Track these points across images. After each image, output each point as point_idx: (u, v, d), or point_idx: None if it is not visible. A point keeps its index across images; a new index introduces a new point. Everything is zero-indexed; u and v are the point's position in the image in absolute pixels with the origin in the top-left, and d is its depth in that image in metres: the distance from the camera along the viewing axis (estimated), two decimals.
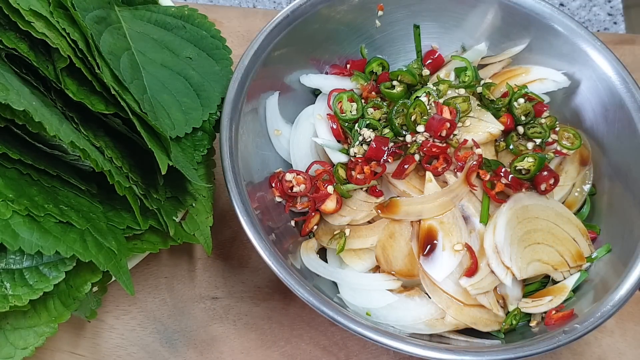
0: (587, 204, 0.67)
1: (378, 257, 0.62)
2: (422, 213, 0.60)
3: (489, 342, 0.59)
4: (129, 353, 0.65)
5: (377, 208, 0.61)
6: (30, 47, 0.52)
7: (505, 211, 0.60)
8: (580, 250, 0.62)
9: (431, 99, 0.65)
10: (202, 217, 0.62)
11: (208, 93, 0.62)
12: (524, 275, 0.60)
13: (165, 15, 0.65)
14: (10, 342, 0.53)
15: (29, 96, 0.49)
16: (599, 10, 0.94)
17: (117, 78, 0.53)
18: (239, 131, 0.61)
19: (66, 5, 0.52)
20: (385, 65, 0.72)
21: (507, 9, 0.69)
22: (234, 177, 0.58)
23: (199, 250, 0.70)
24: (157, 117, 0.57)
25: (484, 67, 0.73)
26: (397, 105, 0.64)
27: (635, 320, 0.69)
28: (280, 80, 0.68)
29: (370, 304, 0.60)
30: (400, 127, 0.64)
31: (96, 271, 0.53)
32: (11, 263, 0.51)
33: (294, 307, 0.67)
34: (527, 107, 0.66)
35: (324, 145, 0.66)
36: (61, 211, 0.50)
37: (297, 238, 0.65)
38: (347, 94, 0.67)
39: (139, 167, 0.56)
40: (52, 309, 0.53)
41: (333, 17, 0.68)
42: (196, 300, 0.68)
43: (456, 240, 0.59)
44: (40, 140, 0.52)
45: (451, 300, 0.59)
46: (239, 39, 0.82)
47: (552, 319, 0.59)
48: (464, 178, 0.61)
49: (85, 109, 0.52)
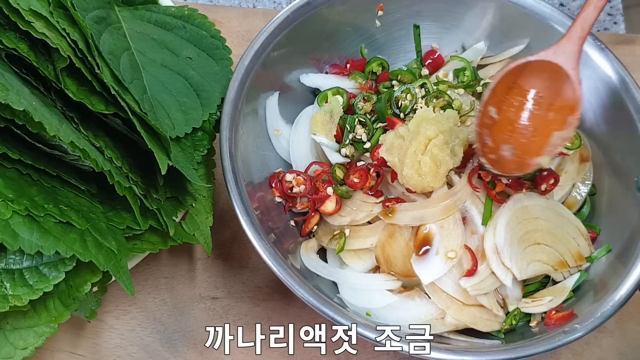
0: (587, 204, 0.67)
1: (378, 258, 0.62)
2: (425, 218, 0.60)
3: (489, 342, 0.59)
4: (129, 353, 0.65)
5: (381, 215, 0.61)
6: (30, 47, 0.52)
7: (505, 212, 0.60)
8: (580, 250, 0.62)
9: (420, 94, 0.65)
10: (202, 217, 0.62)
11: (208, 93, 0.62)
12: (524, 276, 0.60)
13: (165, 15, 0.65)
14: (10, 342, 0.53)
15: (29, 96, 0.49)
16: None
17: (117, 78, 0.53)
18: (239, 131, 0.61)
19: (66, 5, 0.52)
20: (385, 65, 0.72)
21: (507, 9, 0.69)
22: (234, 177, 0.58)
23: (199, 250, 0.70)
24: (157, 117, 0.57)
25: (484, 67, 0.73)
26: (384, 94, 0.64)
27: (635, 320, 0.69)
28: (280, 80, 0.68)
29: (370, 304, 0.60)
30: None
31: (96, 271, 0.53)
32: (11, 263, 0.51)
33: (294, 307, 0.67)
34: None
35: (322, 145, 0.66)
36: (61, 211, 0.50)
37: (297, 238, 0.65)
38: (331, 90, 0.68)
39: (139, 167, 0.56)
40: (52, 309, 0.53)
41: (333, 17, 0.68)
42: (196, 300, 0.68)
43: (452, 246, 0.59)
44: (40, 140, 0.52)
45: (451, 300, 0.59)
46: (239, 39, 0.82)
47: (552, 319, 0.59)
48: (466, 180, 0.61)
49: (85, 109, 0.52)
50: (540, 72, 0.58)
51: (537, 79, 0.58)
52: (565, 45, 0.57)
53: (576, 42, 0.57)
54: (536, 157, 0.57)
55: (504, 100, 0.59)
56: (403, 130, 0.60)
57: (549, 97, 0.58)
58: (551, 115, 0.58)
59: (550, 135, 0.58)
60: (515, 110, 0.59)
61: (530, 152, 0.58)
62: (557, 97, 0.58)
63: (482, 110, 0.58)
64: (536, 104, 0.59)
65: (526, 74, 0.58)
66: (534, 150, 0.58)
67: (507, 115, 0.59)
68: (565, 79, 0.57)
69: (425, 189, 0.60)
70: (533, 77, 0.58)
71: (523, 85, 0.59)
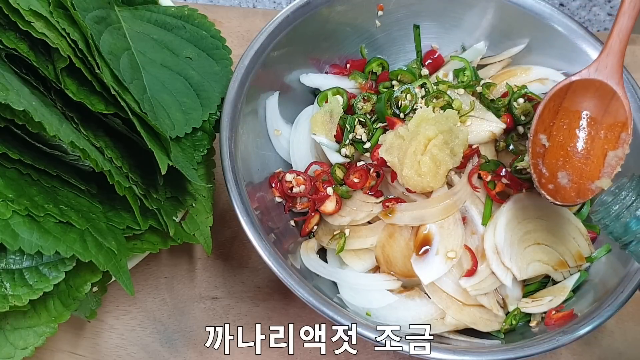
0: (587, 204, 0.67)
1: (378, 258, 0.62)
2: (425, 218, 0.60)
3: (489, 342, 0.59)
4: (129, 353, 0.65)
5: (381, 215, 0.61)
6: (30, 47, 0.52)
7: (505, 212, 0.60)
8: (580, 250, 0.62)
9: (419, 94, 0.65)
10: (202, 217, 0.62)
11: (208, 93, 0.62)
12: (524, 276, 0.60)
13: (165, 15, 0.65)
14: (10, 342, 0.53)
15: (29, 96, 0.49)
16: (599, 10, 0.94)
17: (117, 78, 0.53)
18: (239, 131, 0.61)
19: (66, 5, 0.52)
20: (385, 65, 0.72)
21: (507, 9, 0.69)
22: (234, 177, 0.58)
23: (199, 250, 0.70)
24: (157, 117, 0.57)
25: (484, 67, 0.73)
26: (384, 94, 0.64)
27: (635, 320, 0.69)
28: (280, 80, 0.68)
29: (370, 304, 0.60)
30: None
31: (96, 271, 0.53)
32: (11, 263, 0.51)
33: (294, 307, 0.68)
34: (527, 107, 0.66)
35: (322, 145, 0.66)
36: (61, 211, 0.50)
37: (297, 238, 0.65)
38: (331, 90, 0.68)
39: (139, 167, 0.56)
40: (52, 309, 0.53)
41: (333, 17, 0.68)
42: (196, 300, 0.68)
43: (452, 246, 0.59)
44: (40, 140, 0.52)
45: (451, 300, 0.59)
46: (239, 39, 0.82)
47: (552, 319, 0.59)
48: (466, 180, 0.61)
49: (85, 109, 0.52)
50: (585, 92, 0.56)
51: (582, 98, 0.56)
52: (605, 60, 0.55)
53: (616, 55, 0.55)
54: (595, 180, 0.54)
55: (553, 125, 0.57)
56: (403, 130, 0.60)
57: (598, 116, 0.56)
58: (603, 134, 0.56)
59: (605, 155, 0.55)
60: (566, 134, 0.57)
61: (588, 176, 0.56)
62: (606, 114, 0.56)
63: (532, 139, 0.56)
64: (586, 124, 0.57)
65: (570, 95, 0.56)
66: (591, 173, 0.56)
67: (557, 140, 0.57)
68: (611, 95, 0.55)
69: (425, 189, 0.60)
70: (578, 97, 0.56)
71: (569, 107, 0.57)
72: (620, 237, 0.49)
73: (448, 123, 0.60)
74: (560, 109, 0.57)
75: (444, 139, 0.59)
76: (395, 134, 0.61)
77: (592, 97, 0.56)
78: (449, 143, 0.59)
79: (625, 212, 0.48)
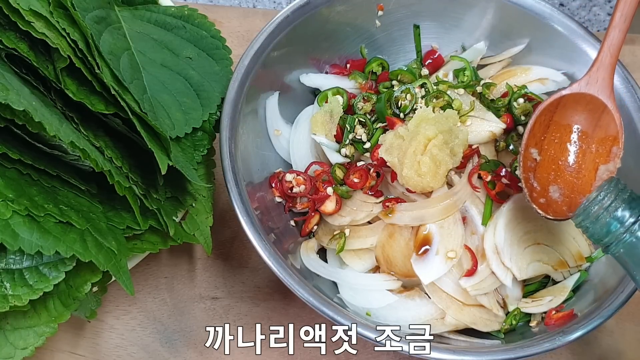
0: None
1: (378, 258, 0.62)
2: (425, 218, 0.60)
3: (489, 342, 0.59)
4: (129, 353, 0.65)
5: (381, 215, 0.61)
6: (30, 47, 0.52)
7: (505, 212, 0.60)
8: (580, 250, 0.62)
9: (419, 94, 0.65)
10: (202, 217, 0.62)
11: (208, 93, 0.62)
12: (524, 276, 0.60)
13: (165, 15, 0.65)
14: (10, 342, 0.53)
15: (29, 96, 0.49)
16: (599, 10, 0.94)
17: (117, 78, 0.53)
18: (239, 131, 0.61)
19: (66, 5, 0.52)
20: (385, 65, 0.72)
21: (507, 9, 0.69)
22: (234, 177, 0.58)
23: (199, 250, 0.70)
24: (157, 117, 0.57)
25: (484, 67, 0.73)
26: (384, 94, 0.64)
27: (635, 320, 0.69)
28: (280, 80, 0.68)
29: (370, 304, 0.60)
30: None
31: (96, 271, 0.53)
32: (11, 263, 0.51)
33: (294, 307, 0.68)
34: (527, 107, 0.66)
35: (322, 145, 0.66)
36: (61, 211, 0.50)
37: (297, 238, 0.65)
38: (331, 90, 0.68)
39: (139, 167, 0.56)
40: (52, 309, 0.53)
41: (333, 17, 0.68)
42: (196, 300, 0.68)
43: (452, 246, 0.59)
44: (40, 140, 0.52)
45: (451, 300, 0.59)
46: (239, 39, 0.82)
47: (552, 319, 0.59)
48: (466, 180, 0.61)
49: (85, 109, 0.52)
50: (576, 105, 0.56)
51: (573, 112, 0.56)
52: (596, 74, 0.55)
53: (607, 69, 0.55)
54: (587, 194, 0.53)
55: (544, 139, 0.57)
56: (402, 130, 0.60)
57: (589, 130, 0.56)
58: (594, 148, 0.56)
59: (597, 169, 0.55)
60: (557, 148, 0.57)
61: (579, 190, 0.55)
62: (597, 128, 0.56)
63: (523, 153, 0.56)
64: (577, 138, 0.57)
65: (561, 109, 0.56)
66: (583, 187, 0.55)
67: (549, 154, 0.57)
68: (602, 109, 0.55)
69: (425, 189, 0.60)
70: (569, 111, 0.56)
71: (560, 121, 0.56)
72: (601, 239, 0.49)
73: (448, 123, 0.60)
74: (551, 122, 0.57)
75: (444, 139, 0.59)
76: (395, 134, 0.61)
77: (583, 111, 0.56)
78: (448, 143, 0.59)
79: (605, 213, 0.48)
